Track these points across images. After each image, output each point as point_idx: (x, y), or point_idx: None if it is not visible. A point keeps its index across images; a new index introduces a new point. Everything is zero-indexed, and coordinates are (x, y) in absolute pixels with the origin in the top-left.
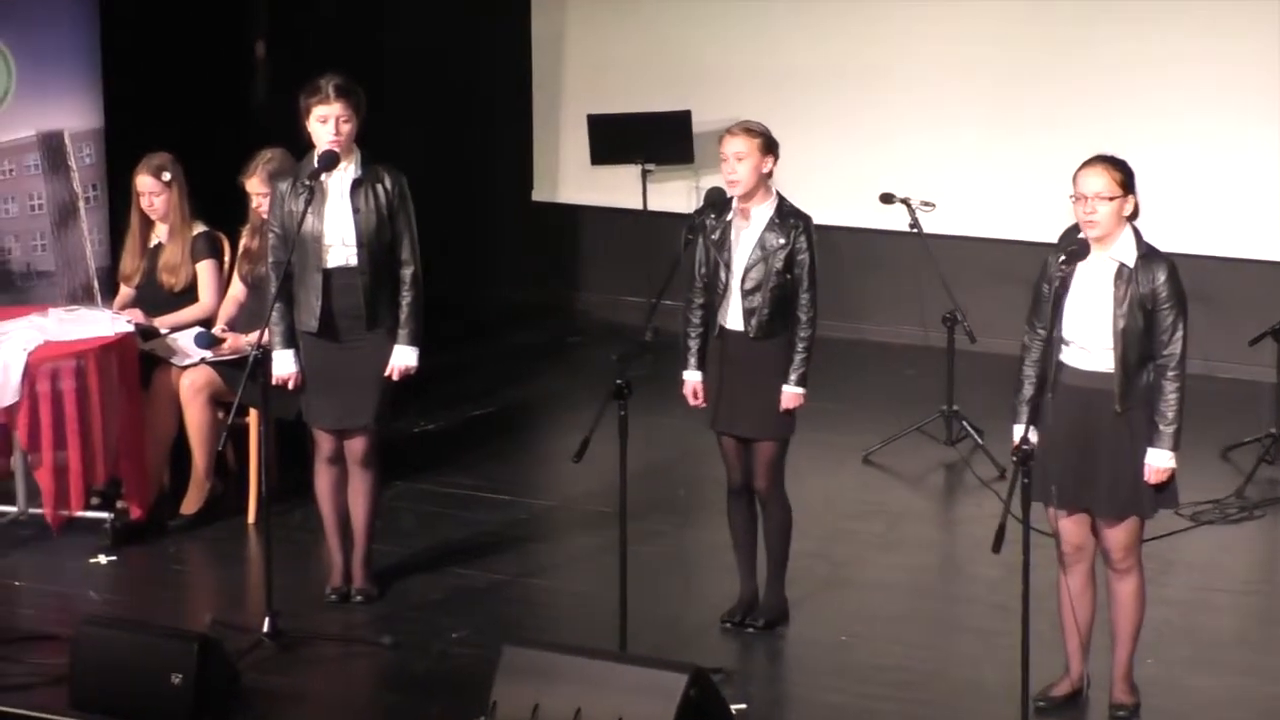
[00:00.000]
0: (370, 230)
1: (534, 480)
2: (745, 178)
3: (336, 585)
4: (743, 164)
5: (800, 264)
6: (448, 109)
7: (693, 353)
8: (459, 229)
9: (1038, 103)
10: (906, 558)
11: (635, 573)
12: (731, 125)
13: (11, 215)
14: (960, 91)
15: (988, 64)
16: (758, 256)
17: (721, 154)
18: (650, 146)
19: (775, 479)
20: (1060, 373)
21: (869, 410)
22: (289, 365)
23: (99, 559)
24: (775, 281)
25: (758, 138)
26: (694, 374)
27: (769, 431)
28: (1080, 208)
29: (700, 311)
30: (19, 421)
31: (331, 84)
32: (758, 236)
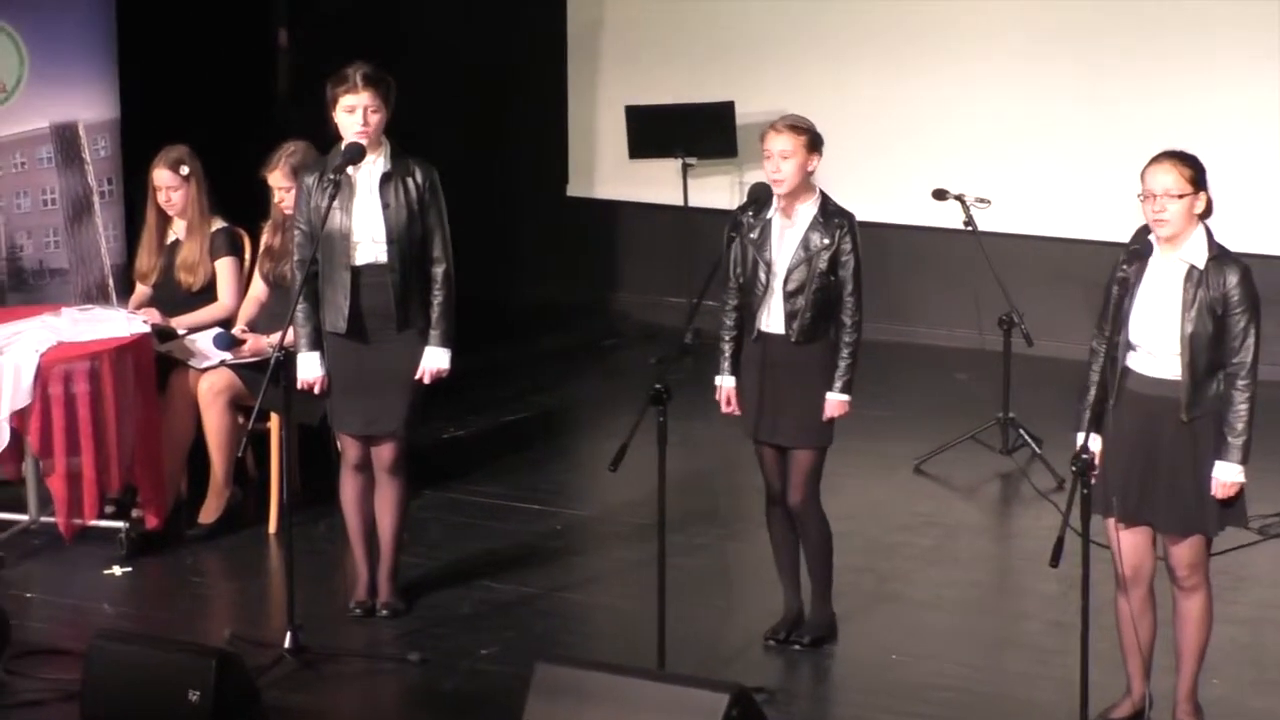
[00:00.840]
0: (400, 226)
1: (569, 489)
2: (790, 177)
3: (361, 599)
4: (788, 162)
5: (845, 265)
6: (480, 99)
7: (726, 357)
8: (491, 225)
9: (1103, 94)
10: (959, 572)
11: (674, 587)
12: (775, 121)
13: (24, 210)
14: (1019, 81)
15: (1050, 51)
16: (801, 257)
17: (765, 151)
18: (691, 139)
19: (811, 491)
20: (1125, 378)
21: (920, 417)
22: (314, 369)
23: (113, 570)
24: (819, 283)
25: (803, 134)
26: (727, 379)
27: (807, 440)
28: (1149, 206)
29: (735, 314)
30: (31, 426)
31: (359, 72)
32: (801, 236)
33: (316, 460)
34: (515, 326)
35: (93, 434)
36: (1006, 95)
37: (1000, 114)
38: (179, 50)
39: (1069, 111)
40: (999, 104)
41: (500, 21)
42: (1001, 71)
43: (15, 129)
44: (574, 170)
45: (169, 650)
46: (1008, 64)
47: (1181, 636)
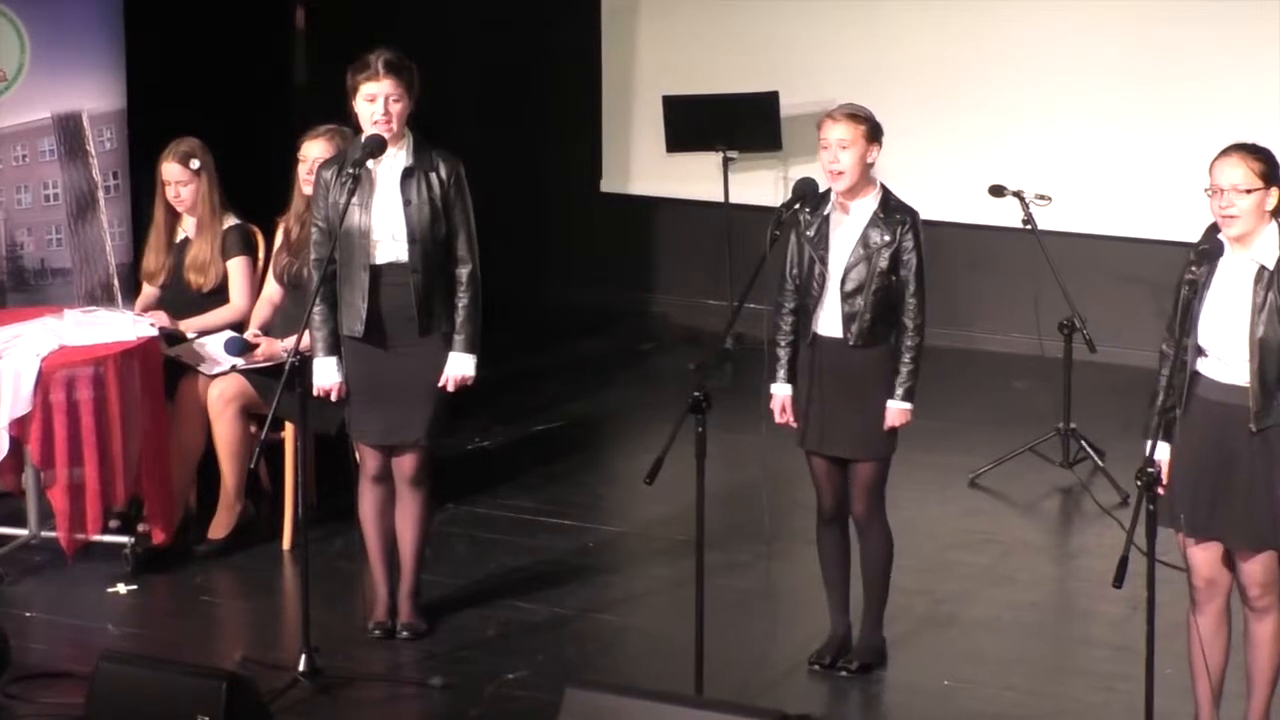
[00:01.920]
0: (423, 223)
1: (601, 504)
2: (849, 168)
3: (381, 619)
4: (846, 153)
5: (907, 264)
6: (509, 88)
7: (783, 364)
8: (520, 222)
9: (1170, 85)
10: (1018, 593)
11: (714, 608)
12: (832, 109)
13: (24, 206)
14: (1081, 72)
15: (1114, 40)
16: (859, 255)
17: (821, 141)
18: (733, 132)
19: (875, 504)
20: (1195, 385)
21: (976, 428)
22: (331, 374)
23: (118, 588)
24: (879, 283)
25: (863, 123)
26: (783, 387)
27: (869, 451)
28: (1216, 201)
29: (792, 317)
30: (31, 435)
31: (380, 59)
32: (859, 233)
33: (334, 472)
34: (545, 330)
35: (97, 444)
36: (1068, 86)
37: (1061, 106)
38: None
39: (1134, 103)
40: (1060, 95)
41: (530, 5)
42: (1063, 61)
43: (16, 120)
44: (608, 164)
45: (177, 673)
46: (1069, 53)
47: (1253, 661)
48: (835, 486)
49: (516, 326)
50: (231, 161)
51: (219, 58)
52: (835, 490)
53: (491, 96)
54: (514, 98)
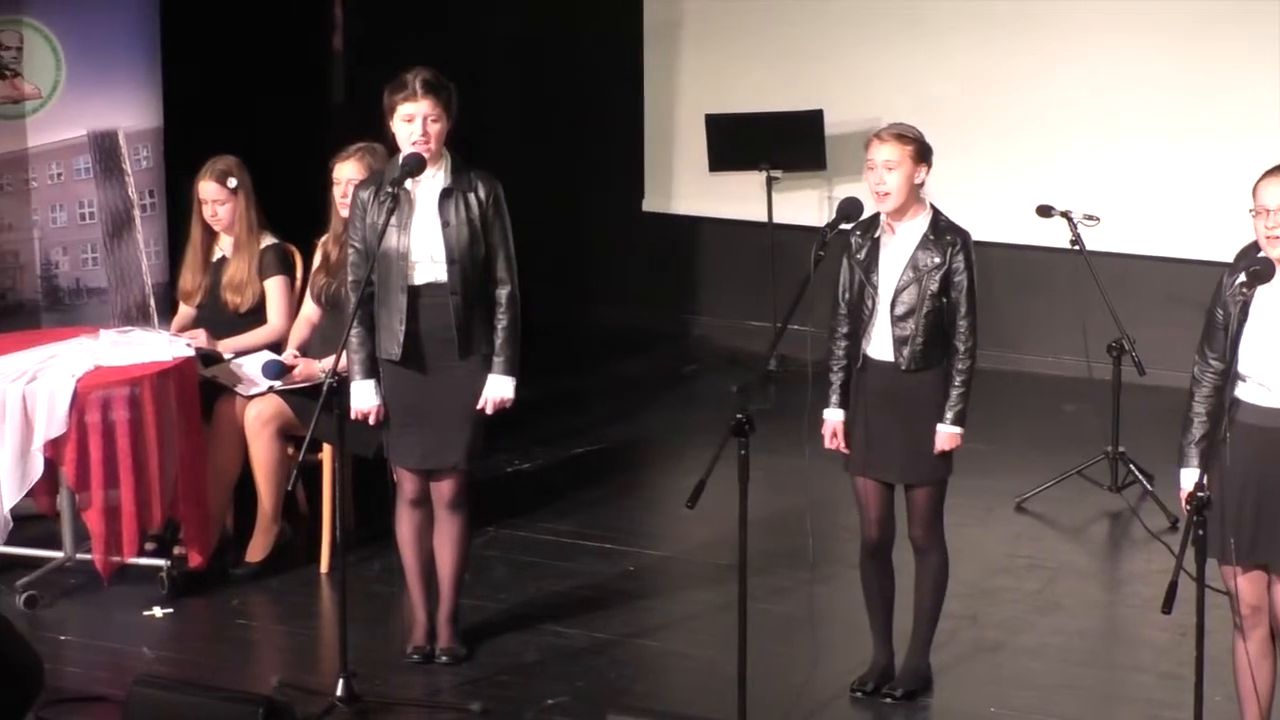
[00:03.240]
0: (461, 244)
1: (643, 528)
2: (896, 190)
3: (419, 644)
4: (893, 174)
5: (958, 286)
6: (549, 108)
7: (835, 388)
8: (560, 243)
9: (1220, 104)
10: (1065, 619)
11: (756, 633)
12: (880, 129)
13: (59, 225)
14: (1129, 91)
15: (1161, 59)
16: (909, 278)
17: (868, 162)
18: (776, 150)
19: (933, 527)
20: (1236, 410)
21: (1023, 451)
22: (369, 397)
23: (154, 611)
24: (930, 306)
25: (910, 144)
26: (836, 412)
27: (923, 475)
28: (1261, 223)
29: (845, 342)
30: (66, 456)
31: (418, 79)
32: (909, 255)
33: (372, 495)
34: (586, 352)
35: (132, 465)
36: (1117, 106)
37: (1110, 125)
38: (226, 54)
39: (1183, 122)
40: (1108, 115)
41: (571, 23)
42: (1112, 81)
43: (51, 137)
44: (650, 184)
45: (213, 698)
46: (1118, 73)
47: None
48: (881, 512)
49: (557, 348)
50: (269, 180)
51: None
52: (881, 516)
53: (532, 115)
54: (555, 116)
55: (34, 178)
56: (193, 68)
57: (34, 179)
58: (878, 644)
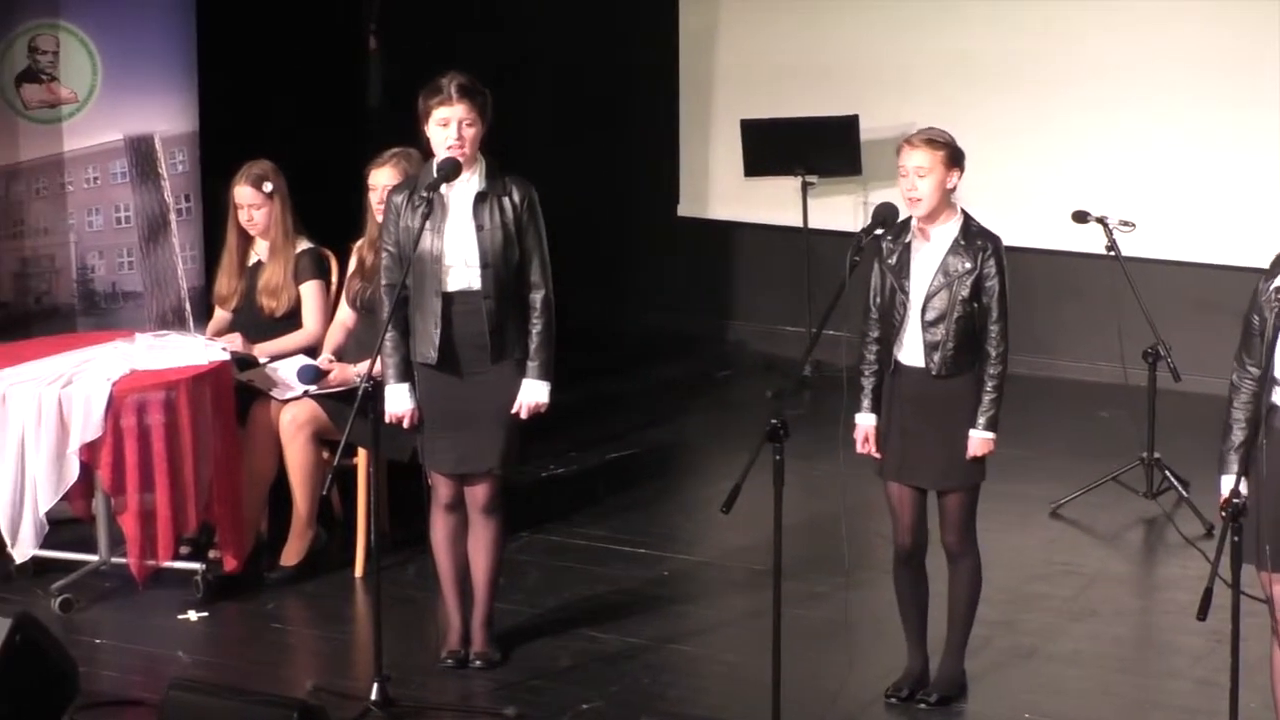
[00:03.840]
0: (495, 249)
1: (677, 533)
2: (928, 195)
3: (454, 648)
4: (925, 180)
5: (989, 291)
6: (583, 112)
7: (867, 393)
8: (595, 248)
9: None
10: (1100, 626)
11: (791, 638)
12: (911, 134)
13: (95, 229)
14: (1165, 94)
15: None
16: (940, 283)
17: (900, 168)
18: (812, 156)
19: (966, 533)
20: (1273, 416)
21: (1058, 457)
22: (404, 401)
23: (189, 615)
24: (960, 311)
25: (941, 149)
26: (868, 418)
27: (954, 481)
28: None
29: (876, 346)
30: (102, 460)
31: (453, 83)
32: (940, 260)
33: (406, 499)
34: (620, 357)
35: (168, 469)
36: (1153, 111)
37: (1146, 130)
38: (262, 58)
39: (1220, 127)
40: (1144, 120)
41: (607, 29)
42: (1147, 86)
43: (87, 141)
44: (685, 189)
45: (248, 701)
46: (1154, 78)
47: None
48: (913, 518)
49: (592, 353)
50: (304, 184)
51: (292, 81)
52: (913, 522)
53: (568, 120)
54: (591, 121)
55: (70, 182)
56: (229, 72)
57: (70, 183)
58: (912, 649)
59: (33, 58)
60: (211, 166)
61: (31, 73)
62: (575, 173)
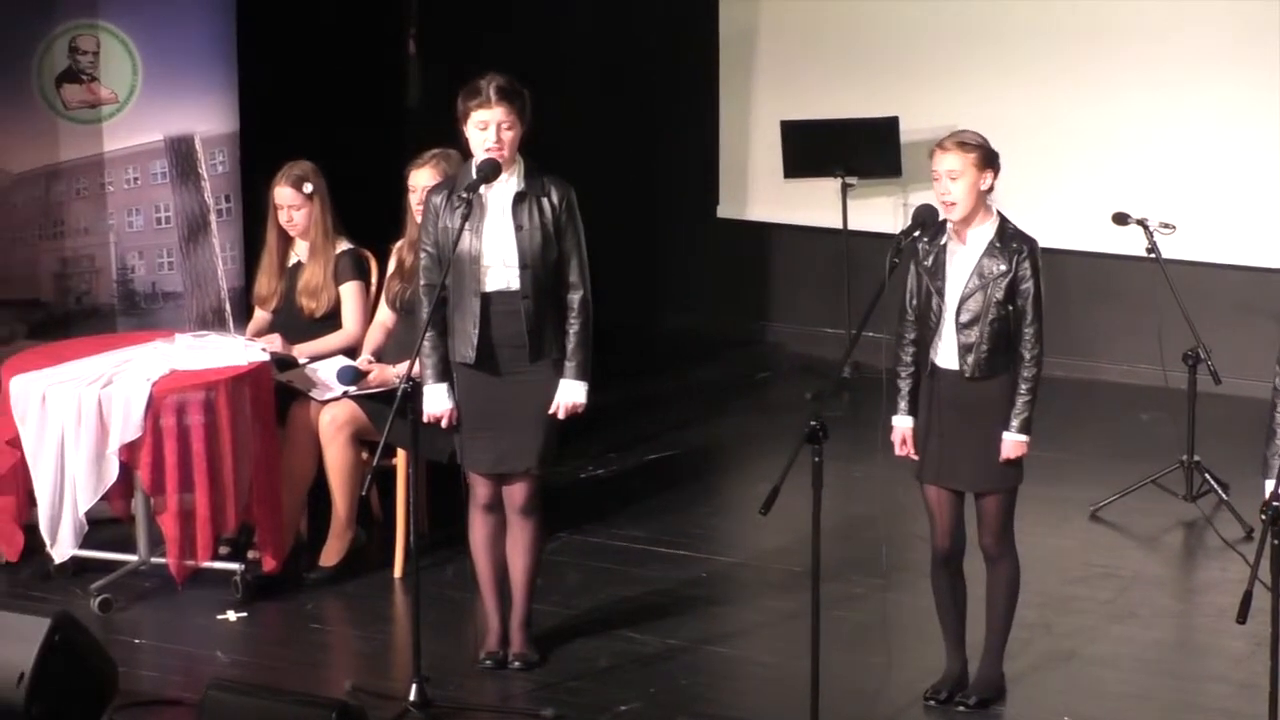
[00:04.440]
0: (534, 249)
1: (716, 534)
2: (961, 198)
3: (492, 649)
4: (958, 183)
5: (1024, 294)
6: (622, 113)
7: (904, 395)
8: (633, 249)
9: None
10: (1139, 629)
11: (829, 640)
12: (943, 138)
13: (136, 229)
14: (1207, 97)
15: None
16: (975, 285)
17: (933, 171)
18: (852, 157)
19: (1004, 535)
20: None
21: (1097, 460)
22: (442, 401)
23: (228, 615)
24: (995, 313)
25: (973, 151)
26: (904, 420)
27: (993, 482)
28: None
29: (913, 348)
30: (141, 460)
31: (492, 85)
32: (975, 262)
33: (445, 500)
34: (659, 358)
35: (207, 469)
36: (1193, 111)
37: (1186, 131)
38: (302, 59)
39: (1262, 129)
40: (1185, 120)
41: (646, 28)
42: (1187, 86)
43: (128, 142)
44: (725, 190)
45: (286, 702)
46: (1194, 78)
47: None
48: (950, 520)
49: (630, 353)
50: (344, 185)
51: (332, 80)
52: (950, 524)
53: (607, 121)
54: (628, 121)
55: (110, 182)
56: (269, 72)
57: (110, 183)
58: (951, 652)
59: (73, 58)
60: (251, 167)
61: (72, 73)
62: (614, 173)
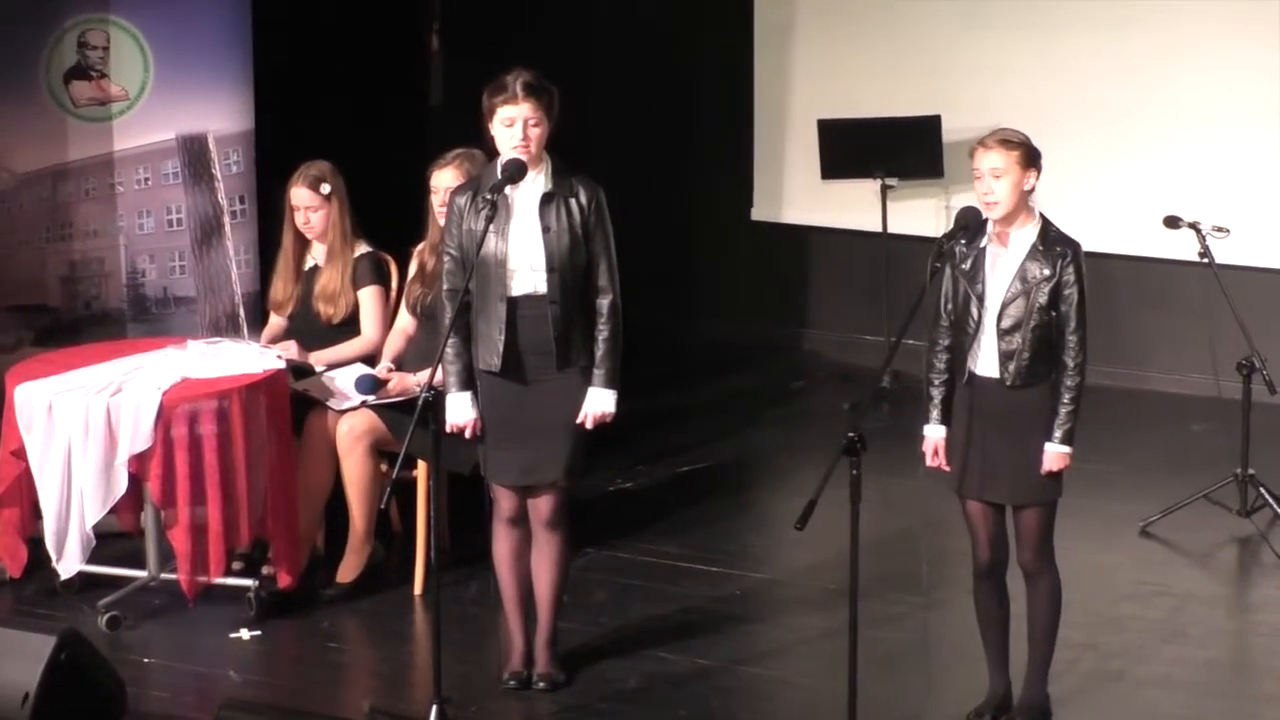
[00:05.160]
0: (562, 252)
1: (749, 550)
2: (1004, 197)
3: (516, 669)
4: (1001, 182)
5: (1068, 299)
6: (654, 112)
7: (935, 404)
8: (665, 252)
9: None
10: (1191, 649)
11: (867, 661)
12: (985, 135)
13: (146, 231)
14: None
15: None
16: (1017, 290)
17: (974, 170)
18: (892, 157)
19: (1043, 551)
20: None
21: (1147, 473)
22: (466, 410)
23: (241, 633)
24: (1037, 319)
25: (1016, 149)
26: (936, 429)
27: (1032, 496)
28: None
29: (946, 355)
30: (151, 472)
31: (519, 81)
32: (1017, 266)
33: (467, 514)
34: (690, 366)
35: (220, 481)
36: (1250, 108)
37: (1242, 129)
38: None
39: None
40: (1240, 118)
41: (681, 24)
42: (1240, 83)
43: (138, 141)
44: (760, 192)
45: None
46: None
47: None
48: (992, 535)
49: (661, 361)
50: (364, 186)
51: (351, 78)
52: (992, 539)
53: (637, 119)
54: (660, 120)
55: (120, 182)
56: (285, 70)
57: (120, 184)
58: (994, 673)
59: (82, 53)
60: (267, 167)
61: (81, 69)
62: (645, 174)
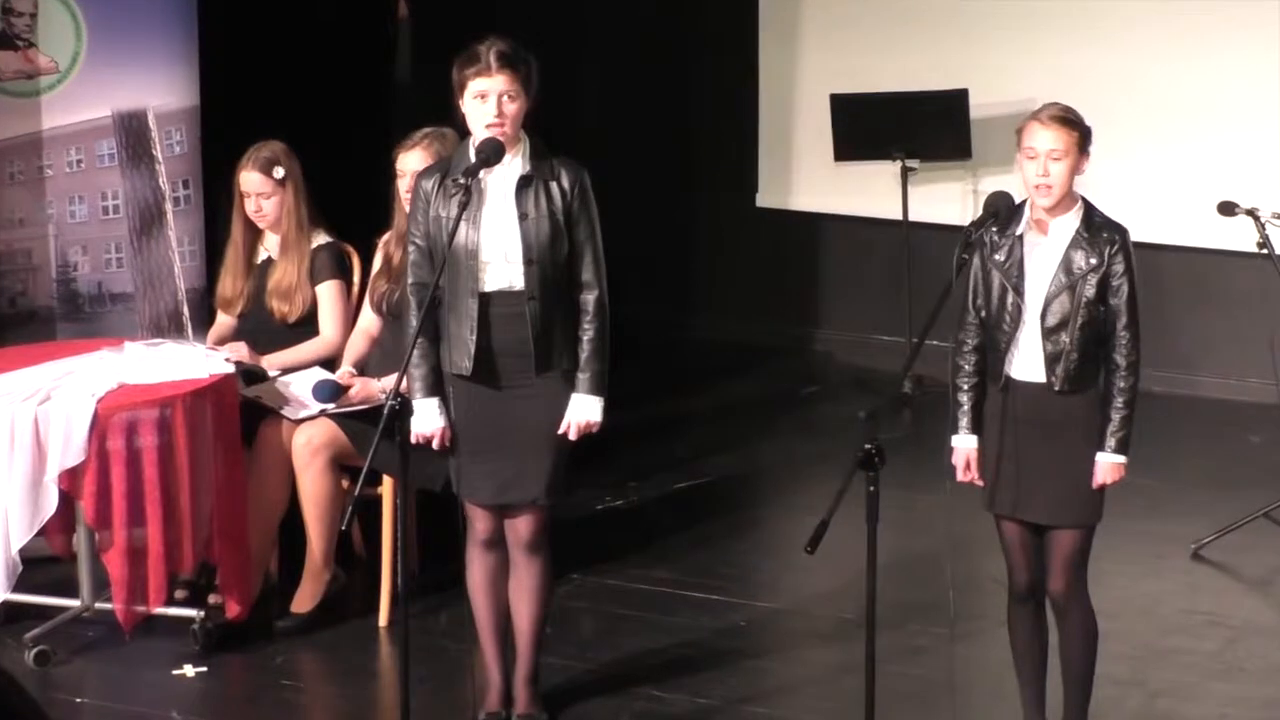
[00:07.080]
0: (541, 241)
1: (755, 575)
2: (1060, 183)
3: (493, 709)
4: (1058, 164)
5: (1117, 291)
6: (647, 86)
7: (965, 411)
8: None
9: None
10: (1248, 686)
11: (887, 700)
12: (1038, 110)
13: (78, 220)
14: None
15: None
16: (1062, 283)
17: (1027, 149)
18: (913, 137)
19: (1077, 579)
20: None
21: (1199, 489)
22: (433, 419)
23: (185, 670)
24: (1085, 315)
25: (1077, 130)
26: (967, 439)
27: (1072, 516)
28: None
29: (975, 356)
30: (84, 489)
31: (493, 50)
32: (1060, 256)
33: (439, 536)
34: (688, 370)
35: (161, 500)
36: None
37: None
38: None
39: None
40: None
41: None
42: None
43: (70, 118)
44: (765, 176)
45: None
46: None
47: None
48: (1030, 557)
49: (655, 365)
50: (322, 169)
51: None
52: (1030, 562)
53: (627, 95)
54: (654, 96)
55: (49, 165)
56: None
57: (49, 166)
58: (1029, 712)
59: (6, 20)
60: (214, 148)
61: (5, 38)
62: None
